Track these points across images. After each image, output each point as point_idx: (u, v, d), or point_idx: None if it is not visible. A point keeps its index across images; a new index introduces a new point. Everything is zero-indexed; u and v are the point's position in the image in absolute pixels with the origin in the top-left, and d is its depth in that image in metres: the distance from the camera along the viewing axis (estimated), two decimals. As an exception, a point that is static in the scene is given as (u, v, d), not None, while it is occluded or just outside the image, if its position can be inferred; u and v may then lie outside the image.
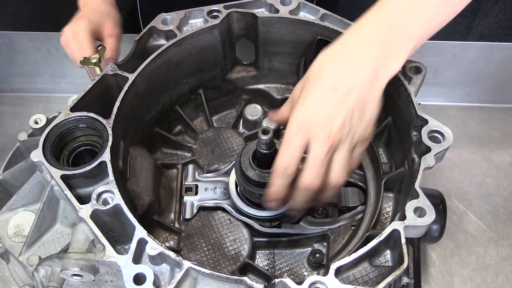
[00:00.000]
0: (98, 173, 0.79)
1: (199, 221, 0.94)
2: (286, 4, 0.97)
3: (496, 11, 1.30)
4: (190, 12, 0.98)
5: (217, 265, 0.89)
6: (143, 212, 0.88)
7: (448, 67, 1.42)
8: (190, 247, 0.91)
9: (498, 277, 1.19)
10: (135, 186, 0.89)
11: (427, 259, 1.21)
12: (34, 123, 0.90)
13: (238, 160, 0.87)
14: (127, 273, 0.69)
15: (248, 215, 0.92)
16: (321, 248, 0.92)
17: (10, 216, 0.88)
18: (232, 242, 0.91)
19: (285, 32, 0.98)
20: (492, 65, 1.42)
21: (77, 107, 0.84)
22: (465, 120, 1.46)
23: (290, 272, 0.91)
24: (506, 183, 1.33)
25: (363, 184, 0.96)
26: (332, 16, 0.95)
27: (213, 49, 0.98)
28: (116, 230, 0.77)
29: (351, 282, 0.74)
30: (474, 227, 1.26)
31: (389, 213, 0.91)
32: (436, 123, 0.81)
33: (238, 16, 0.97)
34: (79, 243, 0.78)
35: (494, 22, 1.33)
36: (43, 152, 0.79)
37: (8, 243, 0.87)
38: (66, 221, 0.85)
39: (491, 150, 1.40)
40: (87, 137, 0.85)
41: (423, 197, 0.74)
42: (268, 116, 0.76)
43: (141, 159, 0.93)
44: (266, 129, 0.80)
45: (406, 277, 0.88)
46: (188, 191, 0.97)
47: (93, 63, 0.96)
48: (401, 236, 0.71)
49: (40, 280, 0.80)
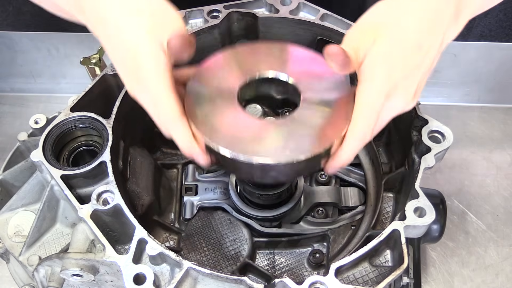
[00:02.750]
0: (98, 173, 0.79)
1: (199, 221, 0.94)
2: (286, 4, 0.97)
3: (496, 11, 1.30)
4: (190, 12, 0.98)
5: (217, 265, 0.89)
6: (143, 212, 0.88)
7: (448, 67, 1.42)
8: (190, 247, 0.91)
9: (498, 277, 1.19)
10: (135, 186, 0.89)
11: (427, 259, 1.21)
12: (34, 123, 0.90)
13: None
14: (127, 273, 0.69)
15: (248, 215, 0.92)
16: (321, 248, 0.92)
17: (10, 216, 0.89)
18: (232, 242, 0.91)
19: (285, 32, 0.97)
20: (492, 65, 1.42)
21: (77, 107, 0.84)
22: (465, 120, 1.46)
23: (290, 272, 0.91)
24: (506, 183, 1.33)
25: (363, 184, 0.96)
26: (332, 16, 0.95)
27: (213, 49, 0.98)
28: (116, 230, 0.77)
29: (351, 282, 0.74)
30: (474, 227, 1.26)
31: (389, 213, 0.91)
32: (436, 123, 0.81)
33: (238, 16, 0.97)
34: (79, 243, 0.78)
35: (494, 22, 1.33)
36: (43, 152, 0.79)
37: (8, 243, 0.87)
38: (66, 221, 0.85)
39: (491, 150, 1.40)
40: (87, 137, 0.85)
41: (423, 197, 0.74)
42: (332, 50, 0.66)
43: (141, 159, 0.93)
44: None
45: (406, 277, 0.89)
46: (188, 191, 0.97)
47: (93, 63, 0.96)
48: (401, 236, 0.71)
49: (40, 280, 0.80)
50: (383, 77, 0.66)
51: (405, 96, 0.68)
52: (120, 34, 0.71)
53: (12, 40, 1.42)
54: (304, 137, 0.69)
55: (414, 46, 0.67)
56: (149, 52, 0.69)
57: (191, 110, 0.71)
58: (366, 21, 0.70)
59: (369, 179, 0.97)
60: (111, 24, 0.71)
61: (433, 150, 0.78)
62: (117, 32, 0.71)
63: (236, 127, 0.70)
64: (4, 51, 1.45)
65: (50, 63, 1.47)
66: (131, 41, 0.70)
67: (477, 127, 1.45)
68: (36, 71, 1.51)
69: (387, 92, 0.66)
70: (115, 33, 0.71)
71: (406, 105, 0.70)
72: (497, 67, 1.42)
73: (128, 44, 0.70)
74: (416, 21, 0.68)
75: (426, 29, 0.68)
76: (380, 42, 0.67)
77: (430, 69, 0.71)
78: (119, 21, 0.71)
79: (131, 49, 0.70)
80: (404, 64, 0.67)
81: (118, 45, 0.72)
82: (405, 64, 0.67)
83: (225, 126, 0.69)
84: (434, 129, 0.80)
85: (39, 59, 1.47)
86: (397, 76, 0.67)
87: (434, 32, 0.69)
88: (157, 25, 0.70)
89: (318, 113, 0.71)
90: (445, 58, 1.39)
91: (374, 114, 0.67)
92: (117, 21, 0.71)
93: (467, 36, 1.36)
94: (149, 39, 0.70)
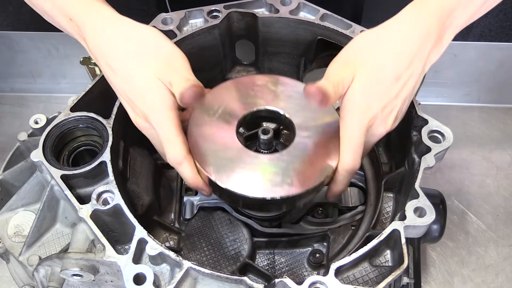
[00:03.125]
0: (98, 173, 0.79)
1: (199, 221, 0.94)
2: (286, 4, 0.97)
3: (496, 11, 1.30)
4: (190, 12, 0.98)
5: (217, 265, 0.89)
6: (143, 212, 0.88)
7: (448, 67, 1.42)
8: (190, 247, 0.91)
9: (498, 277, 1.19)
10: (135, 186, 0.89)
11: (427, 259, 1.21)
12: (34, 123, 0.90)
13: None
14: (127, 273, 0.69)
15: (248, 215, 0.92)
16: (321, 248, 0.92)
17: (10, 216, 0.89)
18: (232, 242, 0.91)
19: (285, 32, 0.97)
20: (492, 65, 1.42)
21: (77, 107, 0.84)
22: (465, 120, 1.46)
23: (290, 272, 0.91)
24: (506, 183, 1.33)
25: (363, 184, 0.96)
26: (332, 16, 0.95)
27: (213, 49, 0.98)
28: (116, 230, 0.77)
29: (351, 282, 0.74)
30: (474, 227, 1.26)
31: (389, 213, 0.91)
32: (436, 123, 0.81)
33: (238, 16, 0.97)
34: (79, 243, 0.78)
35: (494, 22, 1.33)
36: (43, 152, 0.79)
37: (8, 243, 0.87)
38: (66, 221, 0.85)
39: (491, 150, 1.40)
40: (87, 137, 0.85)
41: (423, 197, 0.74)
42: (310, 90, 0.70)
43: (141, 159, 0.93)
44: (266, 129, 0.80)
45: (406, 277, 0.89)
46: (188, 191, 0.97)
47: (93, 63, 0.96)
48: (401, 236, 0.71)
49: (40, 280, 0.80)
50: (362, 112, 0.71)
51: (384, 124, 0.73)
52: (128, 75, 0.73)
53: (12, 40, 1.42)
54: (298, 173, 0.75)
55: (391, 79, 0.71)
56: (157, 94, 0.72)
57: (194, 146, 0.76)
58: (346, 56, 0.74)
59: (369, 179, 0.97)
60: (117, 63, 0.73)
61: (433, 150, 0.78)
62: (125, 72, 0.73)
63: (235, 163, 0.76)
64: (4, 51, 1.45)
65: (50, 63, 1.47)
66: (138, 83, 0.72)
67: (477, 127, 1.45)
68: (36, 71, 1.51)
69: (367, 124, 0.71)
70: (123, 73, 0.73)
71: (387, 130, 0.75)
72: (497, 67, 1.42)
73: (135, 85, 0.73)
74: (394, 56, 0.71)
75: (405, 62, 0.71)
76: (359, 78, 0.71)
77: (412, 93, 0.74)
78: (126, 62, 0.73)
79: (139, 90, 0.73)
80: (381, 96, 0.71)
81: (124, 83, 0.74)
82: (382, 97, 0.71)
83: (226, 162, 0.76)
84: (434, 129, 0.80)
85: (39, 59, 1.47)
86: (376, 109, 0.71)
87: (413, 64, 0.71)
88: (165, 66, 0.73)
89: (311, 147, 0.77)
90: (445, 58, 1.38)
91: (359, 147, 0.72)
92: (124, 61, 0.73)
93: (467, 36, 1.36)
94: (157, 81, 0.72)
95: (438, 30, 0.72)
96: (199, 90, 0.71)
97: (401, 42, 0.71)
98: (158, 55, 0.74)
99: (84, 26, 0.75)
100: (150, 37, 0.75)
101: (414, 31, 0.71)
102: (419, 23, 0.71)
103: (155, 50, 0.74)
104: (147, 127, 0.76)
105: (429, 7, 0.72)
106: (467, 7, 0.74)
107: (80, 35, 0.77)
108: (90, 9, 0.75)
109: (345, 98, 0.72)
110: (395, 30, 0.72)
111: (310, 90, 0.70)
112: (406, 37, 0.71)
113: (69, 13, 0.76)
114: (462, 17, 0.74)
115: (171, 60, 0.74)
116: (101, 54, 0.74)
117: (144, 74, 0.72)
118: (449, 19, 0.72)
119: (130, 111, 0.76)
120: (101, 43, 0.74)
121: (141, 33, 0.75)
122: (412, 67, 0.71)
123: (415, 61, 0.71)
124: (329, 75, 0.72)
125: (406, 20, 0.72)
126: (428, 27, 0.71)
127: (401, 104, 0.73)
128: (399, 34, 0.71)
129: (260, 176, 0.75)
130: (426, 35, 0.71)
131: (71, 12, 0.76)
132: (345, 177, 0.76)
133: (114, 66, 0.74)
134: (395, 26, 0.72)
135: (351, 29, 0.91)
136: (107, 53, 0.74)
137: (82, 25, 0.75)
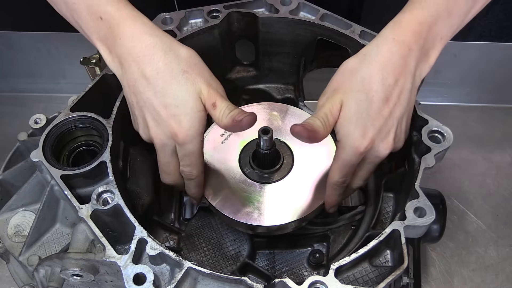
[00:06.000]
0: (98, 173, 0.79)
1: (199, 221, 0.94)
2: (286, 4, 0.97)
3: (496, 11, 1.30)
4: (190, 12, 0.98)
5: (217, 265, 0.89)
6: (143, 212, 0.88)
7: (448, 67, 1.42)
8: (190, 247, 0.91)
9: (498, 277, 1.19)
10: (135, 186, 0.89)
11: (427, 259, 1.20)
12: (34, 123, 0.90)
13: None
14: (127, 273, 0.69)
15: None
16: (321, 248, 0.92)
17: (10, 216, 0.89)
18: (232, 242, 0.91)
19: (285, 32, 0.97)
20: (492, 65, 1.42)
21: (77, 107, 0.84)
22: (465, 120, 1.46)
23: (290, 272, 0.91)
24: (506, 183, 1.33)
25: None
26: (332, 16, 0.95)
27: (213, 49, 0.98)
28: (116, 230, 0.77)
29: (351, 282, 0.74)
30: (474, 227, 1.26)
31: (389, 213, 0.91)
32: (436, 123, 0.81)
33: (238, 16, 0.97)
34: (79, 243, 0.78)
35: (494, 22, 1.33)
36: (43, 152, 0.79)
37: (8, 243, 0.87)
38: (66, 221, 0.85)
39: (491, 150, 1.39)
40: (87, 137, 0.85)
41: (423, 197, 0.74)
42: (294, 129, 0.71)
43: (141, 159, 0.93)
44: (266, 129, 0.81)
45: (406, 277, 0.88)
46: (188, 191, 0.97)
47: (93, 63, 0.96)
48: (401, 236, 0.71)
49: (40, 280, 0.80)
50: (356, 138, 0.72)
51: (385, 144, 0.75)
52: (170, 90, 0.72)
53: (12, 40, 1.42)
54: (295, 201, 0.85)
55: (380, 100, 0.71)
56: (196, 116, 0.73)
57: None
58: (332, 86, 0.75)
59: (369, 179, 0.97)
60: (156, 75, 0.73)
61: (433, 150, 0.78)
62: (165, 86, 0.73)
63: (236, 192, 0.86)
64: (4, 51, 1.45)
65: (50, 63, 1.47)
66: (180, 100, 0.73)
67: (477, 127, 1.45)
68: (36, 71, 1.50)
69: (364, 149, 0.73)
70: (162, 87, 0.73)
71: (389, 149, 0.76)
72: (497, 67, 1.42)
73: (175, 101, 0.73)
74: (378, 77, 0.71)
75: (391, 82, 0.71)
76: (347, 103, 0.72)
77: (407, 110, 0.75)
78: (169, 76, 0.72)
79: (178, 108, 0.73)
80: (374, 119, 0.72)
81: (161, 97, 0.73)
82: (375, 120, 0.72)
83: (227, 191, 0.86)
84: (434, 129, 0.80)
85: (39, 59, 1.47)
86: (371, 132, 0.72)
87: (400, 82, 0.72)
88: (207, 87, 0.74)
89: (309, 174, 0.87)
90: (445, 58, 1.39)
91: (347, 167, 0.76)
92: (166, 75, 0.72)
93: (467, 36, 1.36)
94: (199, 103, 0.73)
95: (419, 46, 0.72)
96: (255, 117, 0.74)
97: (382, 64, 0.72)
98: (202, 75, 0.74)
99: (117, 28, 0.73)
100: (192, 56, 0.75)
101: (393, 50, 0.72)
102: (398, 42, 0.72)
103: (199, 70, 0.74)
104: (166, 144, 0.76)
105: (404, 26, 0.73)
106: (450, 17, 0.74)
107: (104, 36, 0.75)
108: (125, 13, 0.74)
109: (337, 125, 0.74)
110: (375, 53, 0.73)
111: (295, 130, 0.71)
112: (387, 57, 0.72)
113: (101, 12, 0.73)
114: (447, 27, 0.75)
115: (212, 82, 0.75)
116: (135, 61, 0.73)
117: (188, 92, 0.72)
118: (431, 33, 0.73)
119: (153, 124, 0.75)
120: (138, 50, 0.72)
121: (182, 51, 0.75)
122: (399, 85, 0.72)
123: (400, 79, 0.72)
124: (317, 109, 0.74)
125: (385, 42, 0.73)
126: (408, 44, 0.72)
127: (398, 123, 0.74)
128: (380, 56, 0.72)
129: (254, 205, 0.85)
130: (408, 52, 0.72)
131: (104, 11, 0.73)
132: (335, 189, 0.80)
133: (152, 77, 0.72)
134: (375, 49, 0.73)
135: (351, 29, 0.91)
136: (145, 62, 0.72)
137: (116, 27, 0.73)
